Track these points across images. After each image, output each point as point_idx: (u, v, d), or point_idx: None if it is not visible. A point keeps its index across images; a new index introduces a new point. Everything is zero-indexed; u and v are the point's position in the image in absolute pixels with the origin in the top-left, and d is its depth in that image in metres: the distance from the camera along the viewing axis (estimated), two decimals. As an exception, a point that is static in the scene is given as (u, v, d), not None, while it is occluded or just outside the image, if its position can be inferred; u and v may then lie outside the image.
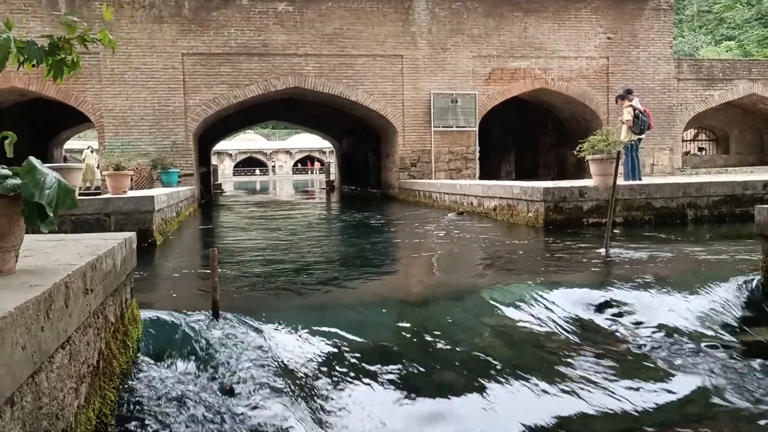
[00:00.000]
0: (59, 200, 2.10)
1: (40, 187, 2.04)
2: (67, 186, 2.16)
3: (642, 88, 18.11)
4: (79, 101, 15.38)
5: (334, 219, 11.55)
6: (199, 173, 18.64)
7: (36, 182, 2.05)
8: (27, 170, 2.08)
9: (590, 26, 17.90)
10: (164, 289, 5.09)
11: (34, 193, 2.03)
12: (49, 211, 2.05)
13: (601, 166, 9.01)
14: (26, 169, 2.08)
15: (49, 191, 2.06)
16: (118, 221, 7.77)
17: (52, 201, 2.06)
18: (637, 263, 5.85)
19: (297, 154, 71.45)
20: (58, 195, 2.10)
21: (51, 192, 2.06)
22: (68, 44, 2.48)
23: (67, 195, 2.15)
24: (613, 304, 4.49)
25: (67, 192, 2.15)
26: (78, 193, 22.40)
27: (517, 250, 6.96)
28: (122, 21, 15.32)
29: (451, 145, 17.35)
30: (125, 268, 3.40)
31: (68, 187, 2.16)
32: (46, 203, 2.03)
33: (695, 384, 3.17)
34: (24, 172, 2.08)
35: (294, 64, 16.30)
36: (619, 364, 3.48)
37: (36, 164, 2.11)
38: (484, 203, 10.96)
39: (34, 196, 2.03)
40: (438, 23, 17.01)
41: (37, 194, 2.03)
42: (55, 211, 2.08)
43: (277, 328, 4.10)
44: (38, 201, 2.03)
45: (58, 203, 2.09)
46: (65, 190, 2.14)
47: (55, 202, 2.08)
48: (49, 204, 2.05)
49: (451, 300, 4.85)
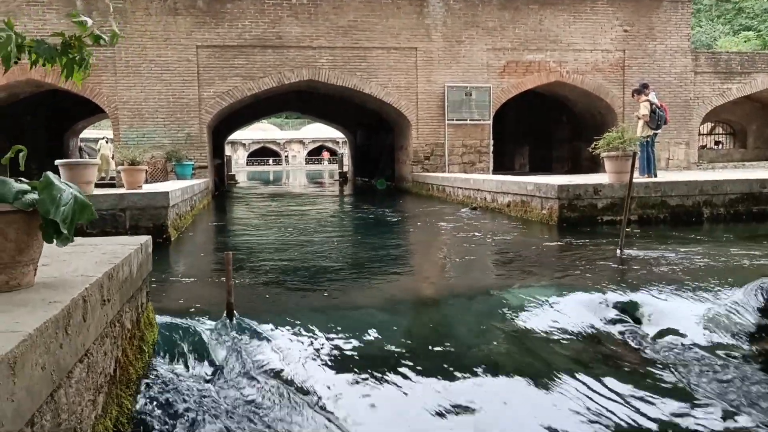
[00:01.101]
0: (75, 216, 2.12)
1: (56, 203, 2.06)
2: (84, 201, 2.17)
3: (658, 82, 17.93)
4: (95, 93, 15.46)
5: (347, 214, 11.56)
6: (213, 165, 18.72)
7: (52, 198, 2.07)
8: (44, 186, 2.09)
9: (606, 19, 17.71)
10: (179, 289, 5.12)
11: (49, 209, 2.05)
12: (63, 228, 2.06)
13: (616, 164, 8.95)
14: (43, 185, 2.10)
15: (64, 208, 2.07)
16: (133, 216, 7.82)
17: (67, 217, 2.07)
18: (652, 265, 5.81)
19: (310, 144, 71.47)
20: (74, 211, 2.11)
21: (67, 208, 2.08)
22: (80, 42, 2.47)
23: (84, 210, 2.17)
24: (627, 310, 4.46)
25: (83, 207, 2.16)
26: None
27: (531, 250, 6.93)
28: (137, 13, 15.36)
29: (465, 139, 17.28)
30: (141, 274, 3.42)
31: (85, 201, 2.17)
32: (60, 220, 2.05)
33: (712, 398, 3.15)
34: (41, 187, 2.09)
35: (308, 56, 16.28)
36: (631, 374, 3.46)
37: (53, 180, 2.12)
38: (498, 199, 10.92)
39: (49, 213, 2.04)
40: (453, 15, 16.90)
41: (53, 211, 2.05)
42: (70, 228, 2.10)
43: (291, 330, 4.12)
44: (53, 218, 2.04)
45: (74, 219, 2.11)
46: (82, 205, 2.16)
47: (71, 218, 2.09)
48: (63, 221, 2.06)
49: (463, 303, 4.85)
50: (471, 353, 3.90)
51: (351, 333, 4.14)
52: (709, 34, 58.40)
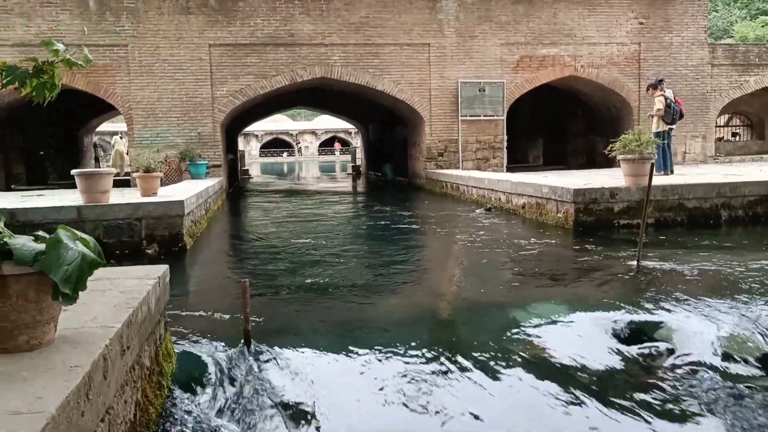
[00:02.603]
0: (83, 274, 2.11)
1: (59, 263, 2.05)
2: (93, 258, 2.16)
3: (675, 75, 17.72)
4: (109, 93, 15.50)
5: (361, 217, 11.54)
6: (227, 161, 18.75)
7: (57, 257, 2.06)
8: (52, 244, 2.09)
9: (621, 11, 17.48)
10: (195, 308, 5.13)
11: (51, 268, 2.04)
12: (63, 288, 2.06)
13: (633, 167, 8.86)
14: (51, 243, 2.09)
15: (68, 267, 2.06)
16: (149, 225, 7.86)
17: (71, 277, 2.06)
18: (671, 277, 5.76)
19: (323, 135, 71.46)
20: (81, 269, 2.10)
21: (71, 267, 2.07)
22: (52, 66, 2.54)
23: (92, 265, 2.16)
24: (645, 330, 4.42)
25: (92, 263, 2.15)
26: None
27: (547, 259, 6.89)
28: (150, 13, 15.36)
29: (479, 135, 17.18)
30: (159, 307, 3.43)
31: (93, 258, 2.16)
32: (61, 281, 2.04)
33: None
34: (48, 245, 2.09)
35: (320, 53, 16.22)
36: (648, 403, 3.42)
37: (62, 237, 2.11)
38: (513, 200, 10.86)
39: (50, 271, 2.04)
40: (466, 10, 16.75)
41: (54, 271, 2.04)
42: (75, 287, 2.09)
43: (308, 355, 4.12)
44: (53, 277, 2.04)
45: (81, 277, 2.10)
46: (90, 263, 2.15)
47: (76, 276, 2.08)
48: (66, 281, 2.05)
49: (477, 320, 4.83)
50: (485, 377, 3.89)
51: (367, 356, 4.13)
52: (725, 19, 57.61)
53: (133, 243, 7.82)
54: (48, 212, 7.68)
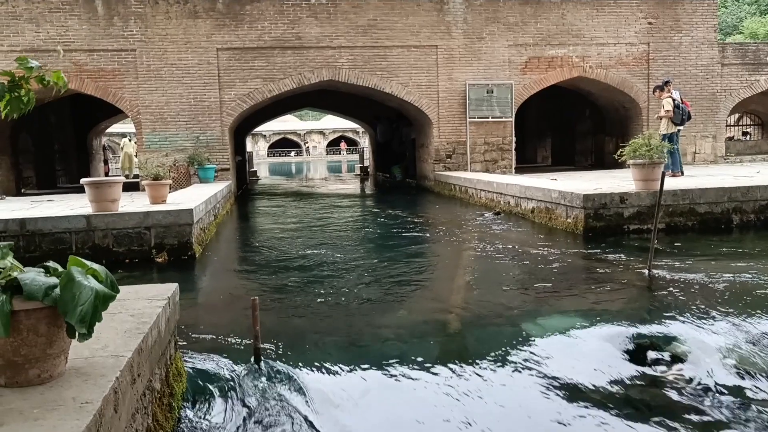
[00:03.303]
0: (97, 310, 2.10)
1: (74, 304, 2.05)
2: (106, 292, 2.15)
3: (684, 75, 17.62)
4: (117, 98, 15.54)
5: (371, 222, 11.50)
6: (235, 164, 18.77)
7: (72, 296, 2.06)
8: (65, 282, 2.08)
9: (630, 11, 17.38)
10: (205, 321, 5.13)
11: (67, 310, 2.04)
12: (80, 328, 2.06)
13: (643, 171, 8.80)
14: (65, 281, 2.09)
15: (82, 307, 2.05)
16: (158, 234, 7.87)
17: (86, 316, 2.06)
18: (683, 287, 5.71)
19: (330, 135, 71.48)
20: (95, 307, 2.09)
21: (85, 306, 2.06)
22: (26, 82, 2.59)
23: (106, 300, 2.15)
24: (657, 344, 4.37)
25: (105, 298, 2.15)
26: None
27: (557, 268, 6.84)
28: (158, 17, 15.38)
29: (487, 136, 17.12)
30: (170, 327, 3.43)
31: (106, 293, 2.15)
32: (77, 321, 2.04)
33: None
34: (62, 284, 2.08)
35: (328, 56, 16.21)
36: (659, 421, 3.38)
37: (75, 276, 2.11)
38: (522, 204, 10.81)
39: (67, 313, 2.04)
40: (473, 12, 16.70)
41: (70, 311, 2.04)
42: (90, 325, 2.08)
43: (318, 371, 4.11)
44: (69, 321, 2.04)
45: (95, 314, 2.09)
46: (104, 297, 2.14)
47: (90, 315, 2.07)
48: (81, 320, 2.05)
49: (487, 334, 4.79)
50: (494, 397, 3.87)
51: (377, 372, 4.12)
52: (735, 14, 57.27)
53: (143, 251, 7.84)
54: (58, 221, 7.71)
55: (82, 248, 7.72)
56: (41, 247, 7.66)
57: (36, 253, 7.65)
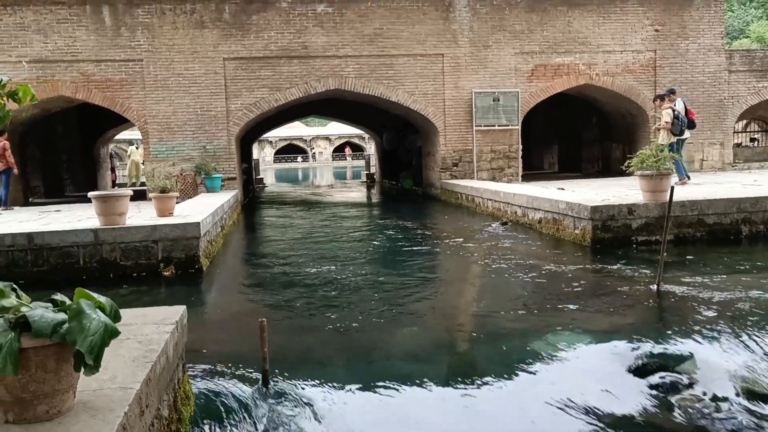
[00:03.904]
0: (104, 343, 2.10)
1: (84, 333, 2.04)
2: (113, 327, 2.15)
3: (691, 82, 17.56)
4: (125, 108, 15.59)
5: (378, 234, 11.44)
6: (242, 173, 18.80)
7: (81, 328, 2.06)
8: (74, 314, 2.08)
9: (637, 19, 17.34)
10: (213, 342, 5.12)
11: (77, 339, 2.04)
12: (89, 359, 2.05)
13: (651, 183, 8.75)
14: (74, 313, 2.09)
15: (92, 338, 2.05)
16: (166, 248, 7.88)
17: (95, 347, 2.06)
18: (692, 303, 5.66)
19: (336, 141, 71.59)
20: (103, 339, 2.09)
21: (95, 338, 2.06)
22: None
23: (112, 335, 2.15)
24: (666, 364, 4.33)
25: (112, 333, 2.14)
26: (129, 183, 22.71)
27: (565, 281, 6.81)
28: (164, 28, 15.44)
29: (494, 144, 17.10)
30: (178, 352, 3.42)
31: (113, 328, 2.15)
32: (86, 351, 2.04)
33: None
34: (71, 315, 2.08)
35: (334, 65, 16.23)
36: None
37: (84, 308, 2.11)
38: (529, 214, 10.78)
39: (76, 343, 2.04)
40: (479, 20, 16.69)
41: (80, 341, 2.04)
42: (98, 356, 2.08)
43: (326, 392, 4.09)
44: (79, 349, 2.04)
45: (102, 347, 2.09)
46: (111, 332, 2.14)
47: (99, 347, 2.07)
48: (90, 351, 2.05)
49: (495, 351, 4.76)
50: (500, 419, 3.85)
51: (386, 392, 4.10)
52: (741, 18, 57.07)
53: (150, 265, 7.85)
54: (66, 235, 7.73)
55: (89, 262, 7.74)
56: (49, 261, 7.68)
57: (44, 267, 7.68)
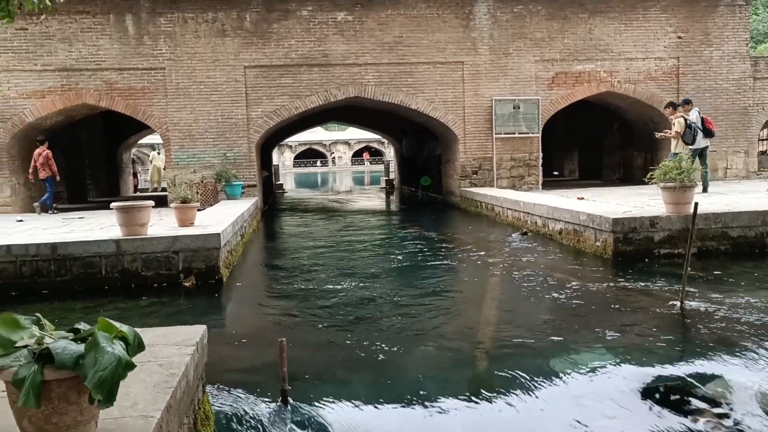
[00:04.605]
0: (118, 377, 2.09)
1: (95, 367, 2.04)
2: (128, 360, 2.14)
3: (715, 89, 17.36)
4: (146, 115, 15.75)
5: (398, 245, 11.36)
6: (261, 179, 18.89)
7: (93, 362, 2.05)
8: (90, 347, 2.08)
9: (659, 26, 17.17)
10: (233, 358, 5.13)
11: (86, 374, 2.04)
12: (95, 394, 2.05)
13: (674, 195, 8.65)
14: (90, 346, 2.09)
15: (102, 373, 2.04)
16: (186, 258, 7.94)
17: (105, 382, 2.05)
18: (717, 321, 5.57)
19: (356, 145, 71.75)
20: (115, 373, 2.08)
21: (105, 373, 2.05)
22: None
23: (127, 368, 2.14)
24: (691, 387, 4.26)
25: (127, 366, 2.14)
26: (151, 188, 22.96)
27: (585, 296, 6.74)
28: (186, 36, 15.59)
29: (514, 152, 17.02)
30: (198, 373, 3.43)
31: (128, 361, 2.14)
32: (93, 386, 2.03)
33: None
34: (87, 349, 2.08)
35: (354, 73, 16.26)
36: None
37: (100, 341, 2.10)
38: (549, 224, 10.70)
39: (86, 378, 2.04)
40: (499, 28, 16.64)
41: (90, 377, 2.04)
42: (110, 393, 2.07)
43: (346, 410, 4.09)
44: (86, 384, 2.04)
45: (115, 381, 2.08)
46: (125, 365, 2.13)
47: (111, 381, 2.06)
48: (98, 386, 2.03)
49: (514, 369, 4.69)
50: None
51: (405, 411, 4.09)
52: (766, 22, 56.32)
53: (171, 275, 7.91)
54: (88, 246, 7.81)
55: (111, 272, 7.82)
56: (72, 270, 7.77)
57: (67, 277, 7.77)
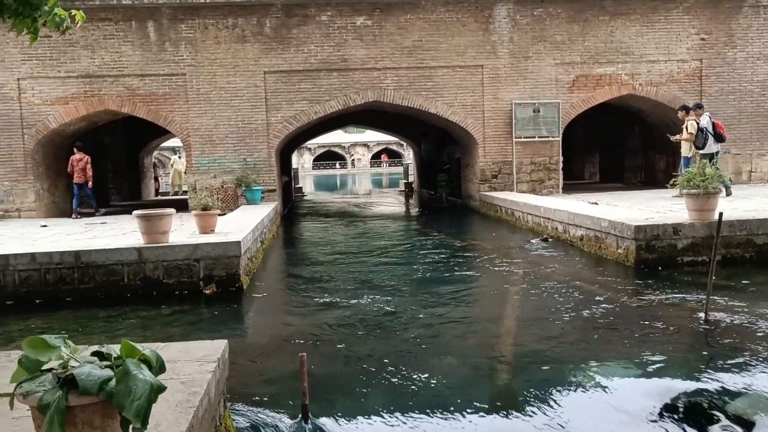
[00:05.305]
0: (150, 403, 2.11)
1: (130, 399, 2.06)
2: (160, 385, 2.16)
3: (739, 91, 17.11)
4: (168, 121, 15.89)
5: (417, 250, 11.30)
6: (281, 184, 18.97)
7: (128, 391, 2.07)
8: (121, 376, 2.10)
9: (682, 27, 16.96)
10: (253, 371, 5.14)
11: (124, 404, 2.06)
12: (135, 422, 2.06)
13: (697, 202, 8.53)
14: (121, 374, 2.10)
15: (138, 402, 2.06)
16: (207, 266, 7.99)
17: (141, 411, 2.06)
18: (743, 332, 5.49)
19: (375, 147, 71.79)
20: (149, 399, 2.10)
21: (141, 402, 2.07)
22: None
23: (159, 392, 2.16)
24: (716, 403, 4.20)
25: (158, 390, 2.16)
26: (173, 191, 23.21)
27: (607, 305, 6.67)
28: (207, 42, 15.70)
29: (534, 156, 16.91)
30: (219, 389, 3.44)
31: (159, 385, 2.16)
32: (133, 416, 2.05)
33: None
34: (118, 377, 2.10)
35: (373, 78, 16.27)
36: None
37: (131, 369, 2.12)
38: (570, 231, 10.61)
39: (123, 407, 2.06)
40: (519, 31, 16.55)
41: (127, 406, 2.05)
42: (144, 418, 2.09)
43: (366, 425, 4.08)
44: (126, 415, 2.05)
45: (149, 407, 2.10)
46: (157, 390, 2.15)
47: (145, 409, 2.08)
48: (136, 415, 2.05)
49: (536, 382, 4.66)
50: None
51: (425, 426, 4.07)
52: (791, 22, 55.39)
53: (192, 283, 7.96)
54: (111, 254, 7.89)
55: (133, 280, 7.89)
56: (95, 278, 7.85)
57: (90, 285, 7.86)
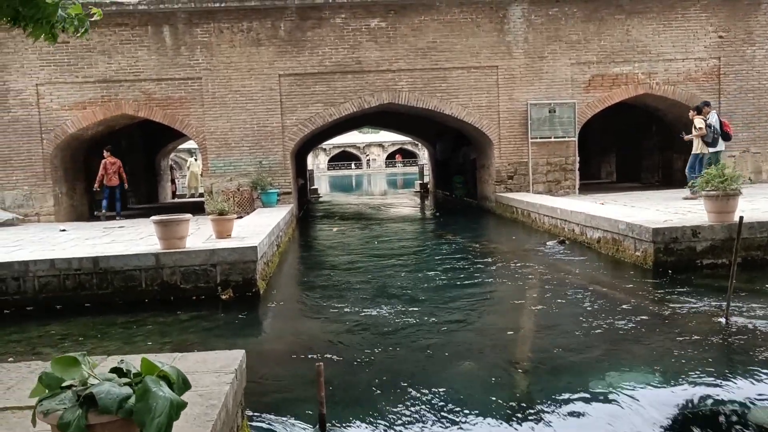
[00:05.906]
0: (171, 421, 2.12)
1: (151, 417, 2.07)
2: (180, 401, 2.17)
3: (758, 89, 16.91)
4: (184, 125, 15.99)
5: (433, 253, 11.29)
6: (297, 187, 19.03)
7: (148, 409, 2.08)
8: (141, 393, 2.11)
9: (699, 25, 16.78)
10: (271, 378, 5.15)
11: (144, 422, 2.07)
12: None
13: (717, 204, 8.44)
14: (141, 392, 2.11)
15: (159, 419, 2.07)
16: (224, 271, 8.02)
17: (162, 428, 2.07)
18: (765, 338, 5.42)
19: (390, 147, 71.83)
20: (170, 417, 2.11)
21: (162, 419, 2.08)
22: None
23: (179, 409, 2.17)
24: (737, 412, 4.15)
25: (179, 407, 2.17)
26: (189, 194, 23.35)
27: (625, 310, 6.61)
28: (222, 46, 15.78)
29: (550, 157, 16.81)
30: (237, 400, 3.45)
31: (179, 402, 2.17)
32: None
33: None
34: (138, 394, 2.11)
35: (388, 79, 16.26)
36: None
37: (150, 386, 2.13)
38: (587, 233, 10.53)
39: (144, 425, 2.07)
40: (534, 31, 16.46)
41: (148, 423, 2.06)
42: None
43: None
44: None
45: (170, 425, 2.11)
46: (177, 407, 2.16)
47: (166, 426, 2.09)
48: (159, 431, 2.07)
49: (553, 389, 4.63)
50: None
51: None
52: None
53: (209, 288, 8.00)
54: (128, 259, 7.96)
55: (151, 285, 7.95)
56: (113, 284, 7.92)
57: (108, 290, 7.93)
